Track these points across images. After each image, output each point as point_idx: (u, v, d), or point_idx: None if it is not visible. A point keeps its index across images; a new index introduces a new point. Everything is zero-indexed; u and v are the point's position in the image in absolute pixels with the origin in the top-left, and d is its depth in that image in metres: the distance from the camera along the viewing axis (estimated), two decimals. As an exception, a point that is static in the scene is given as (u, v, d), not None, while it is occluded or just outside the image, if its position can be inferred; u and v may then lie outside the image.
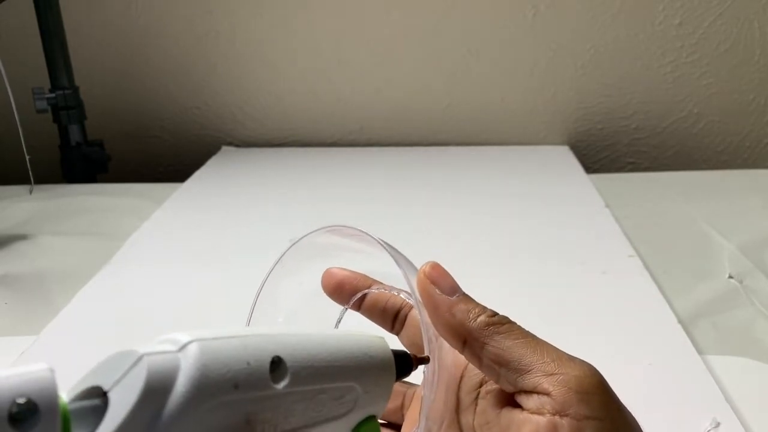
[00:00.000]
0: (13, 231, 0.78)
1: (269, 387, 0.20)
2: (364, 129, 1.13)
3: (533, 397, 0.25)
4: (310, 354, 0.21)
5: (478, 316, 0.27)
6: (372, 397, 0.24)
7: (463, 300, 0.28)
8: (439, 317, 0.28)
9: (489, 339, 0.27)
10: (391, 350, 0.26)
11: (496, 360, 0.26)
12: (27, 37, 1.02)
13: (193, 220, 0.81)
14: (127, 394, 0.17)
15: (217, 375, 0.18)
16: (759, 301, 0.59)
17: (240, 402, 0.19)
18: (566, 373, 0.25)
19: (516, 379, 0.26)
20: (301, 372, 0.21)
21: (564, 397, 0.24)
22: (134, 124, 1.14)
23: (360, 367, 0.23)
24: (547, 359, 0.26)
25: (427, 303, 0.28)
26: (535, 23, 1.04)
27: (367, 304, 0.34)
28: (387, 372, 0.25)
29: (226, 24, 1.07)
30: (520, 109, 1.10)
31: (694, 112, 1.09)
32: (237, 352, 0.19)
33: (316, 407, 0.22)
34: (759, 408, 0.45)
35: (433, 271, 0.29)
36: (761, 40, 1.05)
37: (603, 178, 0.95)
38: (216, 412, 0.18)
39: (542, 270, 0.65)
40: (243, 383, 0.19)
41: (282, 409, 0.20)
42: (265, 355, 0.20)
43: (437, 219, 0.79)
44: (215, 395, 0.18)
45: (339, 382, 0.22)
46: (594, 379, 0.25)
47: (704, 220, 0.77)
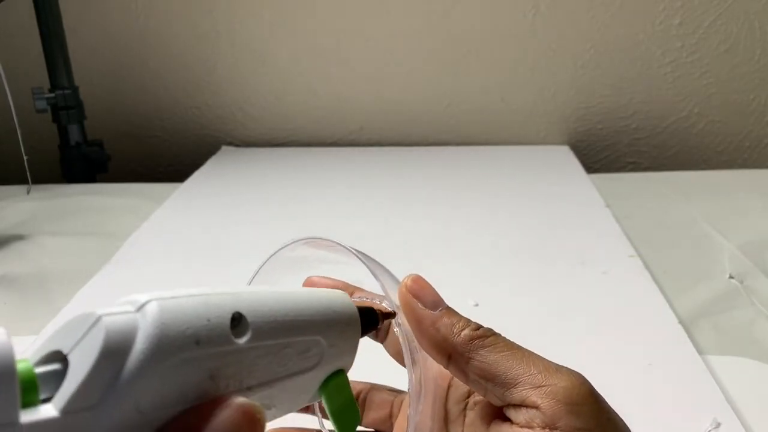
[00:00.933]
0: (13, 231, 0.78)
1: (231, 342, 0.20)
2: (364, 129, 1.13)
3: (522, 410, 0.25)
4: (272, 309, 0.21)
5: (462, 330, 0.27)
6: (338, 350, 0.24)
7: (447, 314, 0.27)
8: (422, 333, 0.27)
9: (474, 353, 0.26)
10: (355, 306, 0.26)
11: (481, 375, 0.26)
12: (26, 37, 1.02)
13: (192, 219, 0.81)
14: (86, 355, 0.17)
15: (177, 332, 0.18)
16: (759, 301, 0.59)
17: (202, 358, 0.19)
18: (554, 385, 0.25)
19: (503, 393, 0.25)
20: (263, 327, 0.21)
21: (553, 410, 0.24)
22: (134, 124, 1.14)
23: (324, 321, 0.23)
24: (534, 371, 0.25)
25: (410, 318, 0.27)
26: (535, 23, 1.04)
27: None
28: (352, 326, 0.25)
29: (226, 24, 1.07)
30: (520, 109, 1.10)
31: (695, 111, 1.09)
32: (197, 309, 0.19)
33: (281, 362, 0.21)
34: (759, 408, 0.45)
35: (414, 284, 0.28)
36: (761, 40, 1.04)
37: (603, 177, 0.95)
38: (178, 368, 0.18)
39: (542, 270, 0.65)
40: (204, 339, 0.19)
41: (246, 364, 0.20)
42: (226, 311, 0.20)
43: (437, 219, 0.79)
44: (176, 352, 0.18)
45: (303, 336, 0.22)
46: (582, 388, 0.25)
47: (705, 220, 0.77)
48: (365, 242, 0.78)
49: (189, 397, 0.19)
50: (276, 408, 0.22)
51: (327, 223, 0.79)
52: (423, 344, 0.27)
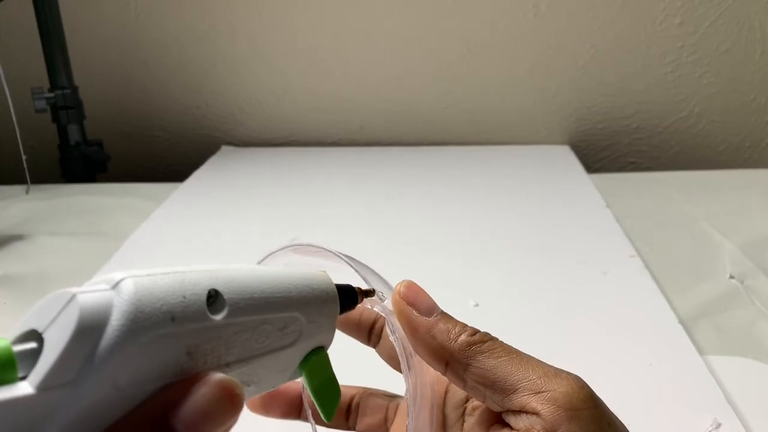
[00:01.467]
0: (12, 231, 0.78)
1: (207, 319, 0.20)
2: (364, 129, 1.13)
3: (522, 416, 0.24)
4: (249, 286, 0.21)
5: (459, 335, 0.26)
6: (317, 327, 0.24)
7: (442, 319, 0.27)
8: (418, 340, 0.27)
9: (471, 360, 0.26)
10: (334, 283, 0.25)
11: (480, 381, 0.25)
12: (26, 37, 1.02)
13: (192, 219, 0.80)
14: (61, 333, 0.17)
15: (152, 309, 0.18)
16: (760, 301, 0.59)
17: (178, 334, 0.19)
18: (554, 390, 0.24)
19: (502, 400, 0.25)
20: (240, 303, 0.21)
21: (554, 416, 0.24)
22: (134, 124, 1.14)
23: (302, 297, 0.23)
24: (533, 376, 0.25)
25: (405, 325, 0.27)
26: (535, 23, 1.04)
27: (340, 318, 0.34)
28: (330, 302, 0.24)
29: (225, 23, 1.07)
30: (520, 108, 1.10)
31: (695, 111, 1.09)
32: (172, 286, 0.19)
33: (259, 338, 0.21)
34: (760, 408, 0.45)
35: (408, 291, 0.27)
36: (762, 40, 1.04)
37: (604, 177, 0.95)
38: (154, 345, 0.18)
39: (543, 270, 0.65)
40: (179, 316, 0.19)
41: (223, 341, 0.20)
42: (201, 288, 0.20)
43: (437, 219, 0.79)
44: (151, 328, 0.18)
45: (281, 313, 0.22)
46: (582, 393, 0.25)
47: (705, 220, 0.77)
48: (365, 242, 0.78)
49: (167, 373, 0.19)
50: (256, 385, 0.22)
51: (327, 224, 0.78)
52: (419, 352, 0.27)
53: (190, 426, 0.18)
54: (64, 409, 0.17)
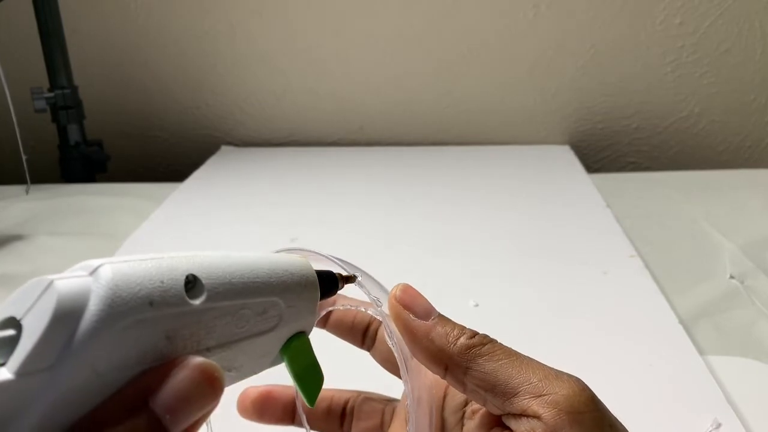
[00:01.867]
0: (12, 231, 0.78)
1: (186, 303, 0.20)
2: (364, 129, 1.13)
3: (523, 420, 0.24)
4: (227, 272, 0.21)
5: (458, 338, 0.26)
6: (297, 311, 0.24)
7: (440, 322, 0.26)
8: (416, 344, 0.26)
9: (471, 363, 0.25)
10: (314, 269, 0.25)
11: (480, 385, 0.25)
12: (26, 37, 1.02)
13: (192, 219, 0.80)
14: (39, 319, 0.17)
15: (130, 293, 0.18)
16: (760, 302, 0.59)
17: (157, 319, 0.19)
18: (555, 393, 0.24)
19: (503, 403, 0.25)
20: (218, 288, 0.21)
21: (555, 420, 0.23)
22: (133, 124, 1.14)
23: (281, 282, 0.23)
24: (533, 379, 0.25)
25: (403, 330, 0.27)
26: (535, 23, 1.04)
27: (333, 322, 0.33)
28: (310, 287, 0.24)
29: (225, 23, 1.07)
30: (520, 108, 1.10)
31: (695, 111, 1.09)
32: (150, 272, 0.19)
33: (239, 323, 0.21)
34: (760, 409, 0.45)
35: (404, 294, 0.27)
36: (762, 40, 1.04)
37: (604, 177, 0.95)
38: (133, 329, 0.18)
39: (543, 270, 0.65)
40: (157, 300, 0.19)
41: (203, 325, 0.20)
42: (179, 273, 0.20)
43: (437, 219, 0.79)
44: (129, 313, 0.18)
45: (260, 298, 0.22)
46: (584, 396, 0.24)
47: (705, 220, 0.77)
48: (365, 242, 0.78)
49: (146, 358, 0.19)
50: (237, 370, 0.22)
51: (327, 224, 0.78)
52: (418, 356, 0.27)
53: (170, 409, 0.18)
54: (43, 395, 0.17)
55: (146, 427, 0.18)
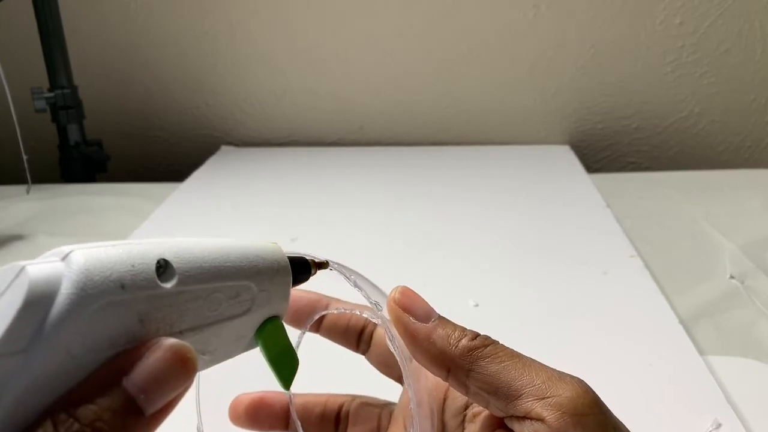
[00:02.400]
0: (12, 231, 0.78)
1: (157, 286, 0.20)
2: (364, 129, 1.13)
3: (526, 423, 0.24)
4: (198, 256, 0.22)
5: (459, 340, 0.26)
6: (269, 295, 0.24)
7: (441, 324, 0.26)
8: (417, 347, 0.26)
9: (473, 365, 0.25)
10: (286, 255, 0.26)
11: (483, 387, 0.25)
12: (26, 37, 1.02)
13: (192, 219, 0.80)
14: (11, 303, 0.17)
15: (102, 277, 0.19)
16: (760, 302, 0.59)
17: (129, 302, 0.19)
18: (559, 395, 0.24)
19: (506, 406, 0.25)
20: (190, 272, 0.21)
21: (559, 422, 0.23)
22: (133, 124, 1.14)
23: (252, 266, 0.23)
24: (537, 381, 0.24)
25: (403, 333, 0.26)
26: (535, 23, 1.04)
27: (326, 326, 0.33)
28: (282, 272, 0.25)
29: (225, 23, 1.07)
30: (520, 108, 1.10)
31: (695, 111, 1.09)
32: (121, 257, 0.20)
33: (211, 306, 0.22)
34: (760, 409, 0.45)
35: (403, 297, 0.27)
36: (762, 40, 1.04)
37: (604, 177, 0.95)
38: (105, 312, 0.19)
39: (543, 270, 0.65)
40: (129, 283, 0.19)
41: (175, 308, 0.20)
42: (150, 258, 0.20)
43: (437, 219, 0.79)
44: (101, 296, 0.18)
45: (232, 281, 0.22)
46: (587, 398, 0.24)
47: (705, 220, 0.77)
48: (365, 242, 0.78)
49: (120, 340, 0.19)
50: (211, 354, 0.23)
51: (326, 224, 0.78)
52: (419, 359, 0.26)
53: (144, 389, 0.18)
54: (17, 377, 0.17)
55: (120, 406, 0.18)
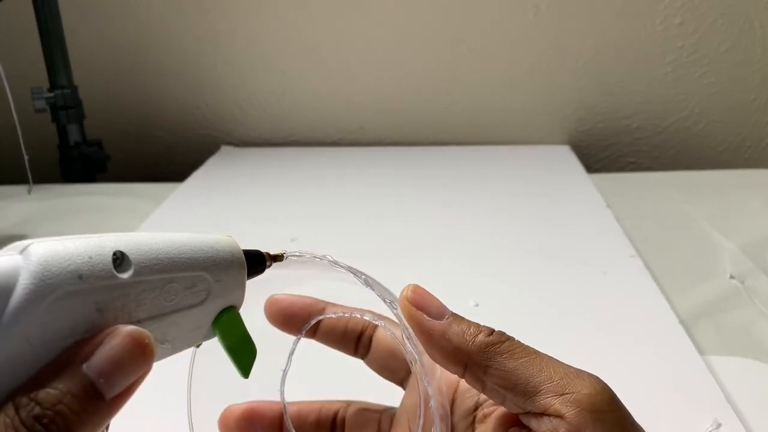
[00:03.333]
0: (12, 231, 0.78)
1: (114, 277, 0.21)
2: (364, 129, 1.13)
3: (544, 419, 0.24)
4: (153, 248, 0.22)
5: (475, 336, 0.25)
6: (225, 286, 0.25)
7: (455, 321, 0.26)
8: (432, 344, 0.26)
9: (491, 361, 0.25)
10: (240, 247, 0.26)
11: (500, 384, 0.25)
12: (26, 37, 1.02)
13: (192, 219, 0.80)
14: None
15: (59, 268, 0.19)
16: (760, 302, 0.59)
17: (87, 291, 0.20)
18: (577, 392, 0.24)
19: (524, 402, 0.24)
20: (145, 263, 0.22)
21: (578, 419, 0.23)
22: (133, 124, 1.14)
23: (207, 258, 0.24)
24: (555, 378, 0.24)
25: (417, 330, 0.26)
26: (536, 22, 1.04)
27: (323, 330, 0.32)
28: (237, 263, 0.25)
29: (226, 23, 1.07)
30: (520, 108, 1.10)
31: (695, 111, 1.09)
32: (78, 249, 0.20)
33: (167, 296, 0.23)
34: (760, 409, 0.45)
35: (415, 295, 0.27)
36: (762, 40, 1.04)
37: (604, 177, 0.95)
38: (64, 301, 0.19)
39: (543, 270, 0.65)
40: (86, 274, 0.20)
41: (132, 298, 0.21)
42: (107, 250, 0.21)
43: (437, 219, 0.79)
44: (59, 286, 0.19)
45: (187, 272, 0.23)
46: (605, 395, 0.24)
47: (705, 220, 0.77)
48: (365, 242, 0.78)
49: (79, 329, 0.20)
50: (170, 343, 0.23)
51: (326, 223, 0.78)
52: (435, 356, 0.26)
53: (103, 374, 0.19)
54: None
55: (81, 390, 0.19)
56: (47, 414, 0.18)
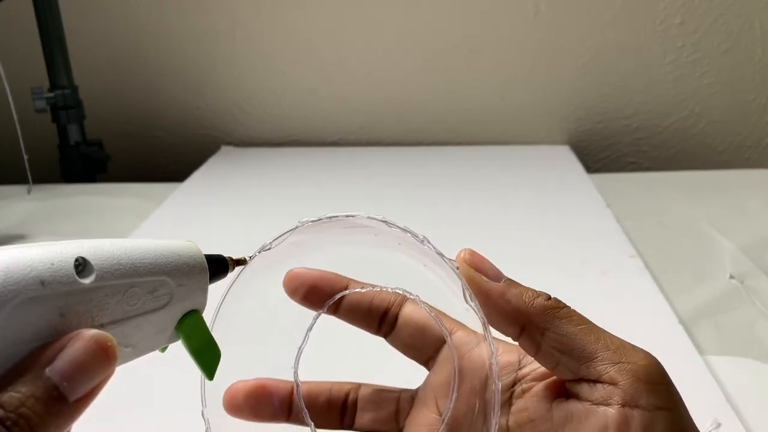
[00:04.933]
0: (12, 231, 0.78)
1: (76, 282, 0.21)
2: (364, 129, 1.13)
3: (597, 387, 0.24)
4: (115, 254, 0.23)
5: (534, 299, 0.26)
6: (187, 290, 0.25)
7: (512, 284, 0.27)
8: (492, 305, 0.26)
9: (549, 324, 0.25)
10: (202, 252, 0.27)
11: (557, 347, 0.25)
12: (26, 37, 1.01)
13: (192, 219, 0.80)
14: None
15: (21, 274, 0.20)
16: (760, 302, 0.59)
17: (49, 297, 0.20)
18: (633, 363, 0.24)
19: (579, 368, 0.25)
20: (107, 269, 0.22)
21: (633, 387, 0.23)
22: (133, 124, 1.14)
23: (168, 263, 0.24)
24: (611, 347, 0.25)
25: (477, 291, 0.26)
26: (536, 23, 1.04)
27: (347, 306, 0.32)
28: (198, 267, 0.26)
29: (226, 23, 1.07)
30: (520, 108, 1.10)
31: (695, 111, 1.09)
32: (40, 255, 0.20)
33: (130, 300, 0.23)
34: (760, 409, 0.45)
35: (473, 257, 0.27)
36: (762, 40, 1.04)
37: (604, 177, 0.95)
38: (26, 306, 0.19)
39: (543, 270, 0.65)
40: (48, 280, 0.20)
41: (95, 303, 0.22)
42: (69, 256, 0.21)
43: (437, 219, 0.79)
44: (21, 291, 0.19)
45: (148, 277, 0.23)
46: (659, 368, 0.25)
47: (705, 220, 0.77)
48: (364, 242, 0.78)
49: (42, 334, 0.20)
50: (133, 347, 0.24)
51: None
52: (492, 318, 0.26)
53: (67, 377, 0.19)
54: None
55: (44, 393, 0.19)
56: (10, 417, 0.18)
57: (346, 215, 0.28)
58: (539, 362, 0.27)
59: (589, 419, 0.24)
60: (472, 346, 0.29)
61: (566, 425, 0.25)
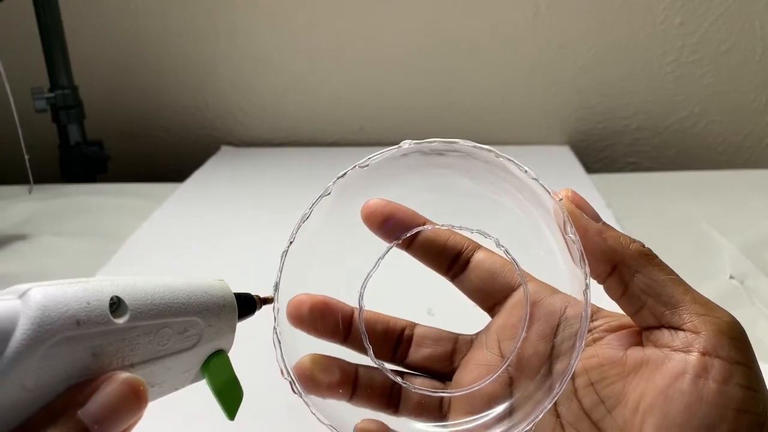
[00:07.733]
0: (12, 231, 0.78)
1: (111, 322, 0.21)
2: (364, 129, 1.13)
3: (679, 334, 0.25)
4: (148, 293, 0.23)
5: (631, 242, 0.27)
6: (216, 330, 0.25)
7: (610, 227, 0.28)
8: (589, 241, 0.27)
9: (642, 268, 0.26)
10: (232, 291, 0.27)
11: (646, 290, 0.26)
12: (26, 37, 1.01)
13: (192, 220, 0.80)
14: None
15: (58, 314, 0.20)
16: (760, 302, 0.59)
17: (84, 337, 0.20)
18: (718, 317, 0.25)
19: (664, 313, 0.25)
20: (141, 308, 0.22)
21: (716, 339, 0.24)
22: (134, 124, 1.14)
23: (200, 303, 0.25)
24: (698, 300, 0.25)
25: (577, 226, 0.27)
26: (535, 23, 1.04)
27: (421, 242, 0.32)
28: (228, 308, 0.26)
29: (226, 23, 1.07)
30: (520, 108, 1.10)
31: (695, 111, 1.09)
32: (77, 294, 0.21)
33: (161, 341, 0.23)
34: (761, 408, 0.45)
35: (575, 196, 0.28)
36: (762, 40, 1.04)
37: (604, 177, 0.95)
38: (61, 347, 0.20)
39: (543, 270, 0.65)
40: (84, 320, 0.20)
41: (127, 343, 0.22)
42: (104, 295, 0.21)
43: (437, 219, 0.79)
44: (58, 331, 0.19)
45: (180, 317, 0.24)
46: (741, 327, 0.25)
47: (705, 220, 0.77)
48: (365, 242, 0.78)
49: (74, 374, 0.20)
50: (159, 386, 0.24)
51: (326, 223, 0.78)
52: (589, 253, 0.27)
53: (98, 420, 0.19)
54: None
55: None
56: None
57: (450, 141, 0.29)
58: (621, 306, 0.27)
59: (666, 364, 0.25)
60: (544, 294, 0.30)
61: (640, 369, 0.26)
